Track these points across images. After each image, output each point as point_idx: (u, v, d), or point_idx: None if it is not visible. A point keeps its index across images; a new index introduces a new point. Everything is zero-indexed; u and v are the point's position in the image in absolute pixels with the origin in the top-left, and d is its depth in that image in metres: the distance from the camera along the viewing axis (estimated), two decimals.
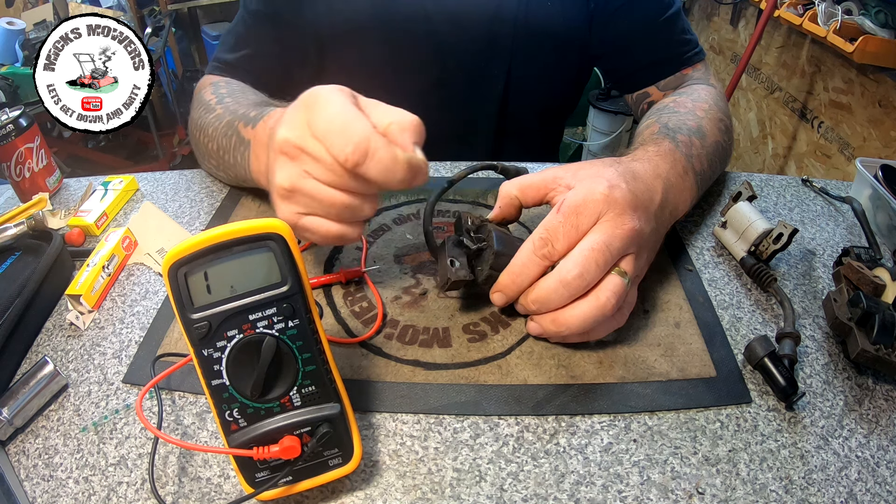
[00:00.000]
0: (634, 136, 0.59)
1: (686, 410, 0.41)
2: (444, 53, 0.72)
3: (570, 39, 0.73)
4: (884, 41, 1.18)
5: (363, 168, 0.36)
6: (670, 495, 0.36)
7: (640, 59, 0.72)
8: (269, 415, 0.32)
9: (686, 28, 0.71)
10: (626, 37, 0.72)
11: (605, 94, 2.08)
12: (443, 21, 0.69)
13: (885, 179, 0.59)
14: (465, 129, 0.79)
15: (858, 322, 0.43)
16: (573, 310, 0.41)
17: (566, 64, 0.76)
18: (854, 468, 0.38)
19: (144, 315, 0.49)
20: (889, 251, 0.55)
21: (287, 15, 0.68)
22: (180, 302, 0.30)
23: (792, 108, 1.65)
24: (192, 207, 0.62)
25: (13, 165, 0.61)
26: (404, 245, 0.56)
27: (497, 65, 0.73)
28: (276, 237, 0.30)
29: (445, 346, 0.45)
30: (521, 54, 0.72)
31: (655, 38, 0.70)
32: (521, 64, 0.73)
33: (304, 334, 0.32)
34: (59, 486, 0.37)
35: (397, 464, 0.38)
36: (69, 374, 0.44)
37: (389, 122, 0.38)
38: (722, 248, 0.56)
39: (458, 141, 0.64)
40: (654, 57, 0.71)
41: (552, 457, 0.38)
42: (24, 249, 0.53)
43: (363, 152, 0.36)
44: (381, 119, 0.38)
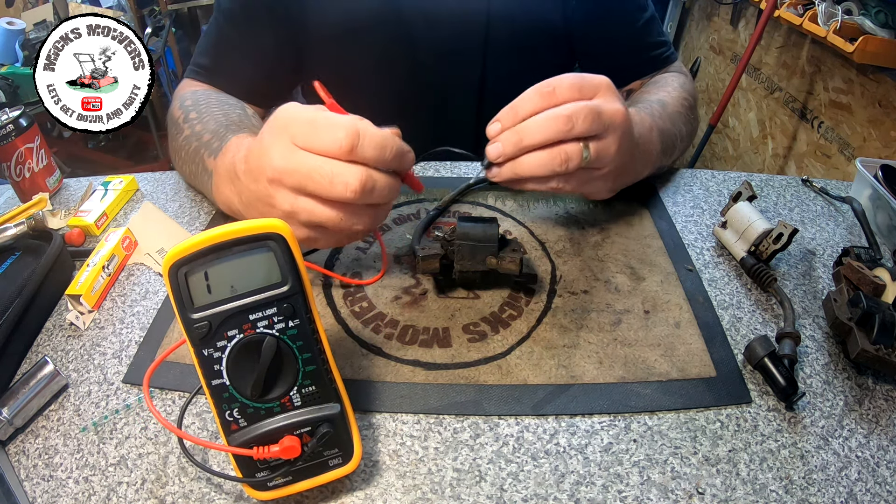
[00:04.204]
0: None
1: (686, 410, 0.41)
2: (417, 52, 0.71)
3: (547, 38, 0.74)
4: (884, 41, 1.18)
5: (359, 149, 0.38)
6: (670, 495, 0.36)
7: (619, 63, 0.75)
8: (270, 415, 0.32)
9: (661, 30, 0.75)
10: (606, 41, 0.74)
11: None
12: (415, 19, 0.69)
13: (885, 179, 0.59)
14: (445, 129, 0.79)
15: (858, 322, 0.43)
16: (531, 157, 0.46)
17: (544, 63, 0.76)
18: (854, 468, 0.38)
19: (144, 315, 0.49)
20: (889, 251, 0.55)
21: (259, 14, 0.67)
22: (180, 302, 0.30)
23: (792, 108, 1.65)
24: (192, 207, 0.62)
25: (13, 165, 0.61)
26: (404, 245, 0.56)
27: (471, 61, 0.73)
28: (277, 237, 0.30)
29: (445, 346, 0.45)
30: (495, 52, 0.72)
31: (634, 43, 0.74)
32: (496, 61, 0.73)
33: (304, 334, 0.32)
34: (59, 486, 0.37)
35: (397, 464, 0.38)
36: (69, 374, 0.44)
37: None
38: (722, 248, 0.56)
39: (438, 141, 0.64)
40: (633, 61, 0.74)
41: (552, 457, 0.38)
42: (24, 249, 0.53)
43: (355, 134, 0.38)
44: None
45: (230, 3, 0.68)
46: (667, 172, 0.69)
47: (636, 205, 0.62)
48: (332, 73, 0.72)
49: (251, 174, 0.43)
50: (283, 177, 0.40)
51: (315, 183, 0.39)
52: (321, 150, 0.39)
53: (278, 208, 0.41)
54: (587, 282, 0.52)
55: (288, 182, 0.40)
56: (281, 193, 0.41)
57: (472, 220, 0.48)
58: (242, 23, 0.68)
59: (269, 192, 0.41)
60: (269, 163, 0.40)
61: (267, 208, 0.42)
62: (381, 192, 0.40)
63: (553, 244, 0.56)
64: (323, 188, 0.39)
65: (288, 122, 0.40)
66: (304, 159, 0.39)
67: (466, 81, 0.75)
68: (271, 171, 0.40)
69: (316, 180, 0.39)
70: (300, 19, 0.68)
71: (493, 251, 0.47)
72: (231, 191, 0.49)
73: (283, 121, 0.41)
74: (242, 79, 0.68)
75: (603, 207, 0.61)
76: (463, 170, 0.67)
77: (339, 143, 0.38)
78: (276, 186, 0.41)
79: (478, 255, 0.47)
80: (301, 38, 0.70)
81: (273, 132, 0.41)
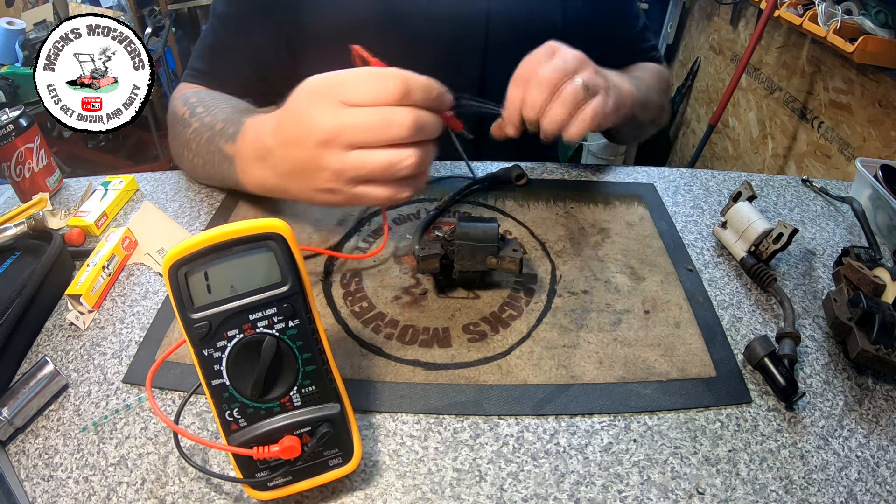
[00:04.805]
0: None
1: (686, 410, 0.41)
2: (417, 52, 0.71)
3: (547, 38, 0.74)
4: (884, 41, 1.18)
5: (411, 94, 0.42)
6: (670, 495, 0.36)
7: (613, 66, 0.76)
8: (270, 415, 0.32)
9: (652, 38, 0.81)
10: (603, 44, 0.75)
11: None
12: (415, 19, 0.69)
13: (885, 179, 0.59)
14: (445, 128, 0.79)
15: (858, 322, 0.43)
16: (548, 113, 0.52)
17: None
18: (854, 468, 0.38)
19: (144, 315, 0.49)
20: (889, 251, 0.55)
21: (255, 17, 0.68)
22: (180, 302, 0.30)
23: (792, 108, 1.65)
24: (192, 207, 0.62)
25: (13, 165, 0.61)
26: (404, 245, 0.56)
27: (470, 61, 0.73)
28: (277, 237, 0.30)
29: (445, 346, 0.45)
30: (495, 51, 0.72)
31: (629, 48, 0.78)
32: (495, 61, 0.73)
33: (304, 334, 0.32)
34: (59, 486, 0.37)
35: (397, 464, 0.38)
36: (69, 374, 0.44)
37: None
38: (722, 248, 0.56)
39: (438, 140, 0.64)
40: (626, 64, 0.77)
41: (552, 457, 0.38)
42: (24, 249, 0.53)
43: (404, 80, 0.42)
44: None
45: (225, 7, 0.68)
46: (667, 172, 0.69)
47: (636, 205, 0.62)
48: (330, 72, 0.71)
49: (289, 144, 0.45)
50: (337, 135, 0.42)
51: (371, 131, 0.42)
52: (374, 101, 0.42)
53: (327, 169, 0.43)
54: (587, 282, 0.52)
55: (342, 139, 0.42)
56: (331, 153, 0.43)
57: (472, 220, 0.48)
58: (238, 26, 0.68)
59: (317, 153, 0.43)
60: (317, 126, 0.43)
61: (312, 173, 0.45)
62: (429, 127, 0.44)
63: (553, 244, 0.56)
64: (379, 133, 0.42)
65: (330, 86, 0.43)
66: (355, 114, 0.42)
67: (466, 81, 0.75)
68: (320, 132, 0.42)
69: (373, 128, 0.42)
70: (298, 20, 0.68)
71: (493, 251, 0.47)
72: (262, 168, 0.50)
73: (321, 87, 0.43)
74: (239, 82, 0.68)
75: (603, 207, 0.61)
76: (463, 169, 0.67)
77: (391, 90, 0.41)
78: (327, 147, 0.43)
79: (478, 255, 0.47)
80: (298, 40, 0.70)
81: (310, 99, 0.44)
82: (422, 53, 0.72)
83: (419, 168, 0.45)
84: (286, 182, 0.48)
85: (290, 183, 0.47)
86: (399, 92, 0.41)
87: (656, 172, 0.69)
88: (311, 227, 0.58)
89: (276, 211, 0.60)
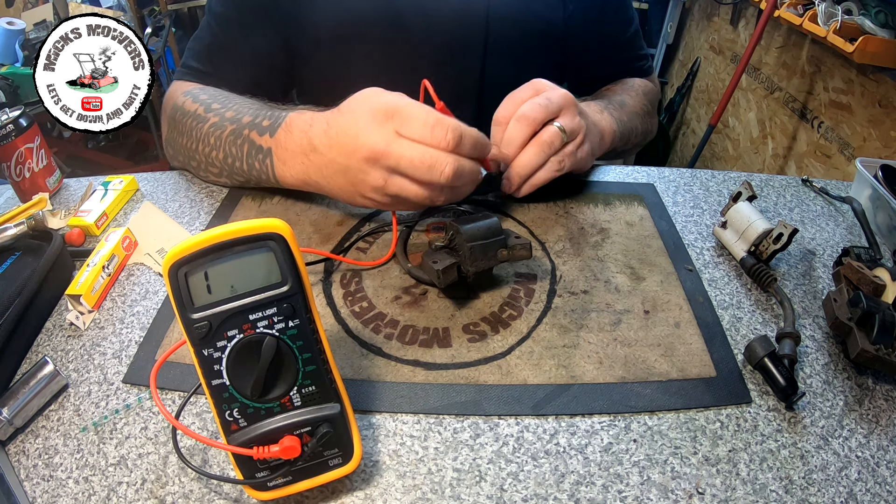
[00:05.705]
0: None
1: (686, 410, 0.41)
2: (416, 52, 0.71)
3: (546, 38, 0.74)
4: (884, 41, 1.18)
5: (461, 146, 0.46)
6: (670, 495, 0.36)
7: (605, 71, 0.80)
8: (270, 415, 0.32)
9: (643, 45, 0.82)
10: (598, 46, 0.77)
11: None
12: (414, 19, 0.69)
13: (885, 179, 0.59)
14: None
15: (858, 322, 0.43)
16: (524, 154, 0.55)
17: (542, 63, 0.77)
18: (854, 468, 0.38)
19: (144, 315, 0.49)
20: (889, 251, 0.55)
21: (252, 17, 0.67)
22: (180, 302, 0.30)
23: (792, 108, 1.65)
24: (192, 207, 0.62)
25: (13, 165, 0.61)
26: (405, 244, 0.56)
27: (470, 61, 0.73)
28: (277, 237, 0.30)
29: (445, 346, 0.45)
30: (494, 52, 0.72)
31: (621, 52, 0.79)
32: (495, 61, 0.73)
33: (304, 334, 0.32)
34: (59, 486, 0.37)
35: (397, 464, 0.38)
36: (69, 374, 0.44)
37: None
38: (722, 248, 0.56)
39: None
40: (617, 69, 0.79)
41: (552, 457, 0.38)
42: (24, 249, 0.53)
43: (459, 134, 0.46)
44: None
45: (222, 7, 0.67)
46: (667, 172, 0.69)
47: (636, 205, 0.62)
48: (329, 73, 0.71)
49: (338, 148, 0.48)
50: (382, 158, 0.46)
51: (414, 168, 0.45)
52: (428, 144, 0.45)
53: (369, 183, 0.48)
54: (587, 282, 0.52)
55: (385, 163, 0.46)
56: (375, 171, 0.47)
57: (470, 221, 0.48)
58: (235, 27, 0.67)
59: (363, 167, 0.47)
60: (368, 144, 0.46)
61: (356, 180, 0.49)
62: (466, 177, 0.48)
63: (553, 244, 0.56)
64: (421, 173, 0.46)
65: (394, 113, 0.46)
66: (407, 147, 0.45)
67: (466, 81, 0.75)
68: (369, 151, 0.46)
69: (416, 166, 0.45)
70: (296, 21, 0.68)
71: (503, 244, 0.47)
72: (306, 163, 0.52)
73: (383, 109, 0.46)
74: (235, 83, 0.66)
75: (603, 207, 0.61)
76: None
77: (446, 140, 0.45)
78: (372, 164, 0.47)
79: (489, 252, 0.47)
80: (296, 40, 0.70)
81: (369, 116, 0.46)
82: (422, 53, 0.72)
83: (451, 202, 0.51)
84: (329, 181, 0.51)
85: (333, 183, 0.51)
86: (452, 144, 0.45)
87: (656, 172, 0.69)
88: (311, 227, 0.58)
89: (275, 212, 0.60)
